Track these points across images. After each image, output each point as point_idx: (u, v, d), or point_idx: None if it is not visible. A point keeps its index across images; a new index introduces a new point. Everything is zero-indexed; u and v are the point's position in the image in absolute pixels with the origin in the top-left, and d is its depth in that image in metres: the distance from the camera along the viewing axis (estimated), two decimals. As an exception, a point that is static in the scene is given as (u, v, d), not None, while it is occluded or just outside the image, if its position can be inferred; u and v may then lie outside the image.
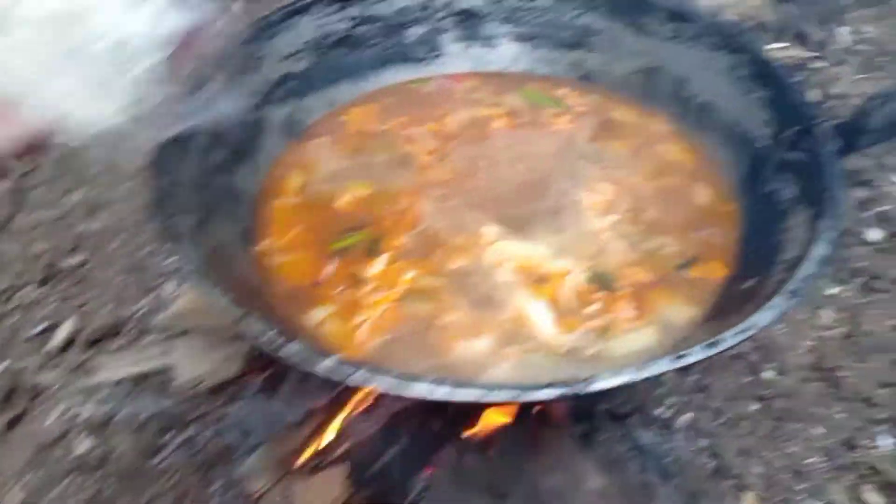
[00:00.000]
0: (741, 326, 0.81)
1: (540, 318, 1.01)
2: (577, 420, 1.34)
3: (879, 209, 1.75)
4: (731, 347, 0.80)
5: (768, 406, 1.43)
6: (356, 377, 0.78)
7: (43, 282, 1.65)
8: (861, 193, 1.75)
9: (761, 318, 0.82)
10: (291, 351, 0.79)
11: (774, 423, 1.41)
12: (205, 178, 1.07)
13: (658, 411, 1.42)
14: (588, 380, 0.77)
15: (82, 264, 1.69)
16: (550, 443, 1.26)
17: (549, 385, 0.77)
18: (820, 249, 0.87)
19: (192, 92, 1.09)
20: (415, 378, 0.77)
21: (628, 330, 0.99)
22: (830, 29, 2.28)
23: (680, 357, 0.78)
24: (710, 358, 0.79)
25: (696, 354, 0.79)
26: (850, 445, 1.37)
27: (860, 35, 2.40)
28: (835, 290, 1.61)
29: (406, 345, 0.98)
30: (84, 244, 1.73)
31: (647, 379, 0.78)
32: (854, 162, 1.80)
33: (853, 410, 1.42)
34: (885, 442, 1.38)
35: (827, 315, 1.57)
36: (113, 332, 1.59)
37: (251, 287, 1.02)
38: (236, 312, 0.82)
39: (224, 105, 1.15)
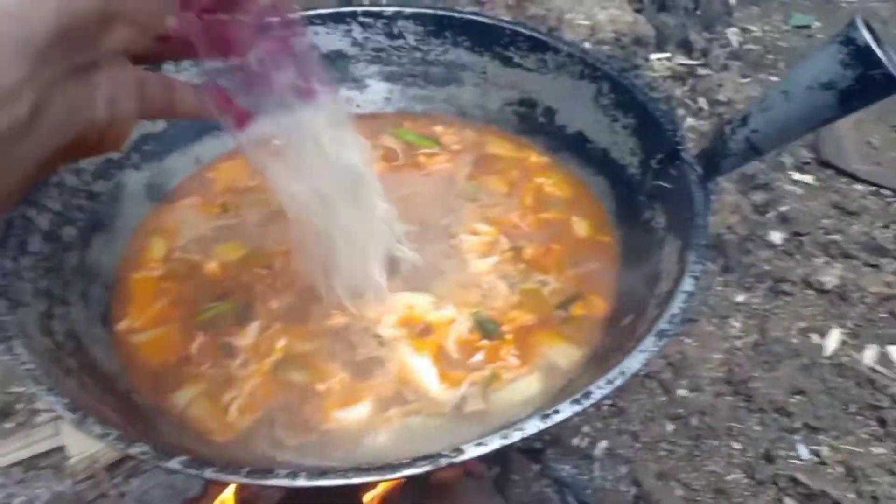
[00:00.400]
0: (610, 376, 0.78)
1: (424, 374, 0.96)
2: (490, 462, 1.31)
3: (779, 210, 1.76)
4: (603, 398, 0.77)
5: (685, 425, 1.41)
6: (207, 475, 0.72)
7: (-81, 369, 1.55)
8: (759, 196, 1.76)
9: (630, 363, 0.78)
10: (136, 451, 0.73)
11: (692, 442, 1.39)
12: (53, 260, 1.00)
13: (574, 441, 1.40)
14: (454, 452, 0.73)
15: (-38, 346, 1.59)
16: (462, 491, 1.22)
17: (413, 461, 0.72)
18: (685, 286, 0.84)
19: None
20: (269, 471, 0.72)
21: (513, 379, 0.95)
22: (716, 33, 2.31)
23: (547, 416, 0.74)
24: (579, 413, 0.76)
25: (564, 412, 0.75)
26: (769, 458, 1.37)
27: (747, 35, 2.44)
28: (742, 297, 1.61)
29: (279, 420, 0.92)
30: (-38, 324, 1.63)
31: (514, 442, 0.74)
32: (748, 165, 1.80)
33: (768, 422, 1.41)
34: (802, 451, 1.37)
35: (736, 324, 1.56)
36: (2, 415, 1.49)
37: (109, 372, 0.95)
38: (73, 415, 0.76)
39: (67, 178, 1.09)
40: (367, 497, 1.13)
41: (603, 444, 1.37)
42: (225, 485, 1.26)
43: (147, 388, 0.96)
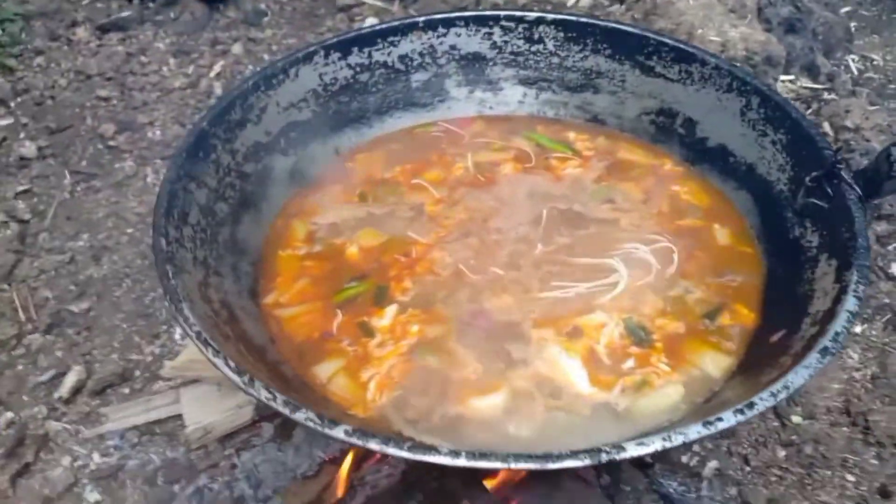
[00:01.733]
0: (774, 388, 0.77)
1: (573, 374, 0.97)
2: (601, 472, 1.30)
3: (904, 243, 1.70)
4: (766, 410, 0.76)
5: (797, 452, 1.37)
6: (371, 445, 0.75)
7: (48, 329, 1.62)
8: (882, 227, 1.71)
9: (794, 378, 0.78)
10: (299, 418, 0.76)
11: (804, 470, 1.35)
12: (209, 233, 1.04)
13: (684, 458, 1.37)
14: (615, 449, 0.73)
15: (88, 311, 1.67)
16: (574, 495, 1.21)
17: (574, 454, 0.73)
18: (848, 305, 0.83)
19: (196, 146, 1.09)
20: (432, 448, 0.74)
21: (662, 385, 0.95)
22: (838, 59, 2.25)
23: (709, 423, 0.74)
24: (741, 422, 0.75)
25: (727, 420, 0.75)
26: (885, 493, 1.32)
27: (868, 63, 2.36)
28: (859, 328, 1.56)
29: (416, 401, 0.94)
30: (89, 291, 1.70)
31: (676, 446, 0.74)
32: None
33: (886, 456, 1.36)
34: (921, 489, 1.32)
35: (854, 356, 1.52)
36: (120, 379, 1.55)
37: (259, 343, 0.99)
38: (240, 379, 0.79)
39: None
40: (488, 485, 1.14)
41: (712, 464, 1.35)
42: (339, 466, 1.29)
43: (292, 360, 0.99)
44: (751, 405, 0.75)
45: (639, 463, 1.33)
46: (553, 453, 0.73)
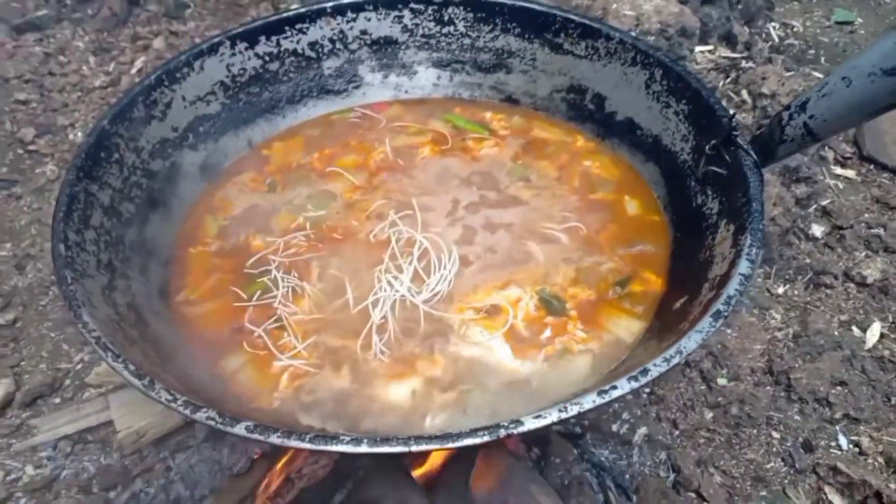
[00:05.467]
0: (667, 353, 0.78)
1: (496, 351, 0.98)
2: (530, 445, 1.32)
3: (821, 203, 1.75)
4: (660, 376, 0.78)
5: (724, 413, 1.41)
6: (272, 440, 0.74)
7: (-26, 342, 1.59)
8: (801, 189, 1.75)
9: (687, 343, 0.79)
10: (200, 418, 0.76)
11: (731, 430, 1.39)
12: (114, 235, 1.03)
13: (614, 427, 1.40)
14: (513, 424, 0.74)
15: (14, 322, 1.63)
16: (503, 471, 1.23)
17: (472, 432, 0.74)
18: (742, 268, 0.85)
19: (97, 146, 1.07)
20: (333, 437, 0.74)
21: (580, 351, 0.97)
22: (758, 27, 2.29)
23: (604, 392, 0.75)
24: (636, 389, 0.77)
25: (622, 388, 0.76)
26: (809, 447, 1.36)
27: (788, 30, 2.41)
28: (782, 289, 1.60)
29: (326, 393, 0.94)
30: (15, 301, 1.67)
31: (572, 417, 0.75)
32: (791, 158, 1.79)
33: (809, 412, 1.41)
34: (843, 441, 1.37)
35: (776, 316, 1.56)
36: (50, 390, 1.53)
37: (170, 343, 0.97)
38: (139, 382, 0.78)
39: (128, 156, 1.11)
40: (415, 473, 1.15)
41: (642, 430, 1.37)
42: (273, 460, 1.29)
43: (203, 357, 0.98)
44: (644, 371, 0.77)
45: (569, 434, 1.35)
46: (453, 433, 0.74)
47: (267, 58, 1.31)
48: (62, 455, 1.44)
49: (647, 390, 1.44)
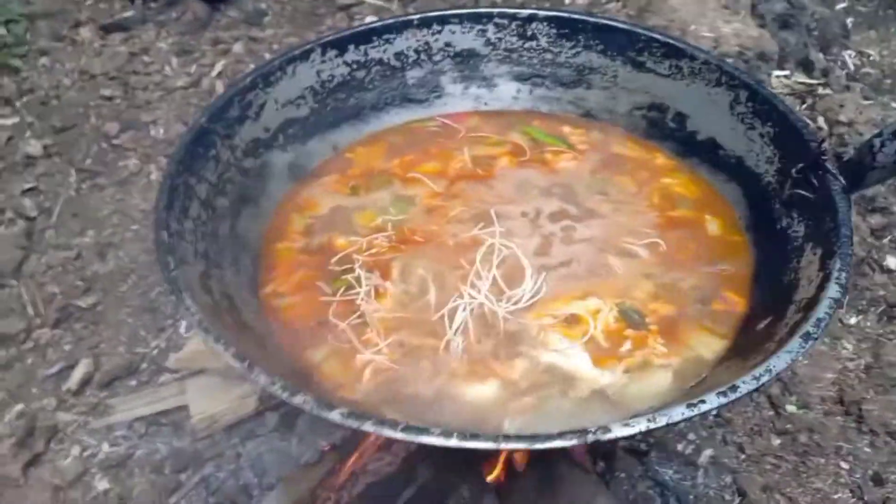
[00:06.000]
0: (756, 371, 0.79)
1: (577, 358, 0.99)
2: (597, 458, 1.32)
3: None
4: (749, 393, 0.79)
5: (792, 440, 1.40)
6: (366, 427, 0.77)
7: (56, 323, 1.66)
8: (876, 220, 1.73)
9: (777, 362, 0.80)
10: (297, 402, 0.79)
11: (798, 458, 1.38)
12: (210, 227, 1.07)
13: (679, 446, 1.40)
14: (601, 430, 0.75)
15: (95, 305, 1.70)
16: (570, 482, 1.24)
17: (560, 435, 0.76)
18: (831, 292, 0.85)
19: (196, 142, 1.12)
20: (424, 429, 0.76)
21: (660, 364, 0.97)
22: (833, 54, 2.26)
23: (693, 405, 0.76)
24: (724, 405, 0.77)
25: (710, 402, 0.77)
26: (879, 480, 1.34)
27: (864, 59, 2.38)
28: (854, 319, 1.58)
29: (406, 388, 0.96)
30: (96, 286, 1.74)
31: (660, 427, 0.76)
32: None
33: (879, 444, 1.39)
34: (913, 476, 1.34)
35: (848, 346, 1.54)
36: (127, 372, 1.59)
37: (258, 331, 1.01)
38: (241, 363, 0.82)
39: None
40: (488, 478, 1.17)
41: (707, 452, 1.37)
42: (342, 453, 1.32)
43: (289, 348, 1.02)
44: (734, 388, 0.77)
45: (634, 451, 1.35)
46: (541, 434, 0.75)
47: (354, 65, 1.35)
48: (136, 435, 1.50)
49: (715, 413, 1.43)
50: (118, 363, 1.58)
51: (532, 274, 1.08)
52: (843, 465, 1.36)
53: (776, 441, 1.39)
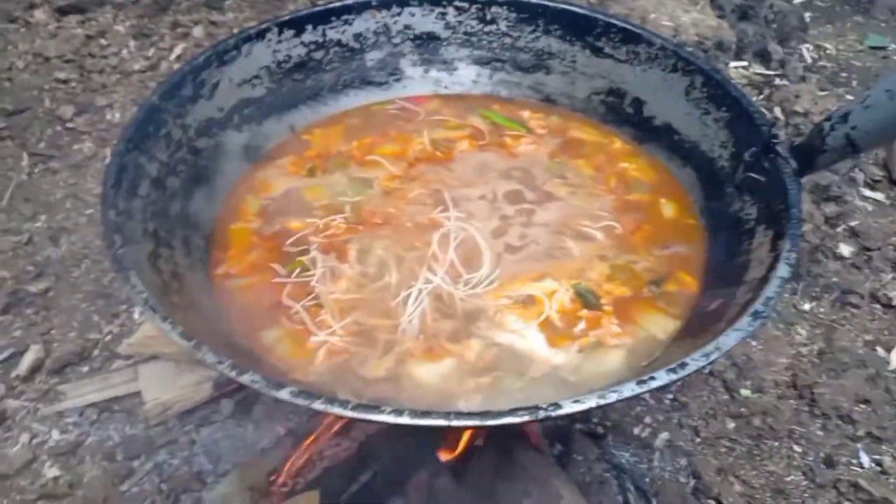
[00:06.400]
0: (706, 349, 0.79)
1: (532, 338, 0.99)
2: (553, 441, 1.33)
3: (849, 224, 1.75)
4: (697, 370, 0.79)
5: (746, 424, 1.42)
6: (316, 406, 0.76)
7: (6, 309, 1.61)
8: (830, 209, 1.76)
9: (726, 340, 0.80)
10: (247, 380, 0.77)
11: (753, 441, 1.40)
12: (160, 206, 1.05)
13: (636, 430, 1.41)
14: (552, 406, 0.75)
15: (46, 291, 1.66)
16: (526, 465, 1.24)
17: (512, 411, 0.75)
18: (780, 272, 0.86)
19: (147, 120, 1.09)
20: (375, 407, 0.76)
21: (614, 345, 0.98)
22: (791, 47, 2.30)
23: (643, 382, 0.76)
24: (674, 382, 0.78)
25: (660, 379, 0.77)
26: (831, 463, 1.36)
27: (821, 52, 2.42)
28: (808, 306, 1.61)
29: (360, 368, 0.96)
30: (47, 271, 1.70)
31: (610, 403, 0.76)
32: (822, 177, 1.80)
33: (831, 427, 1.41)
34: (864, 458, 1.37)
35: (802, 332, 1.56)
36: (79, 358, 1.55)
37: (209, 312, 0.99)
38: (188, 343, 0.80)
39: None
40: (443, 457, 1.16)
41: (664, 435, 1.38)
42: (297, 438, 1.30)
43: (241, 329, 1.00)
44: (683, 365, 0.78)
45: (591, 434, 1.36)
46: (493, 411, 0.75)
47: (312, 46, 1.33)
48: (88, 422, 1.46)
49: (670, 396, 1.45)
50: (70, 349, 1.54)
51: (490, 257, 1.08)
52: (796, 447, 1.38)
53: (731, 424, 1.40)
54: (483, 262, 1.07)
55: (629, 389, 0.76)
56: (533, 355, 0.96)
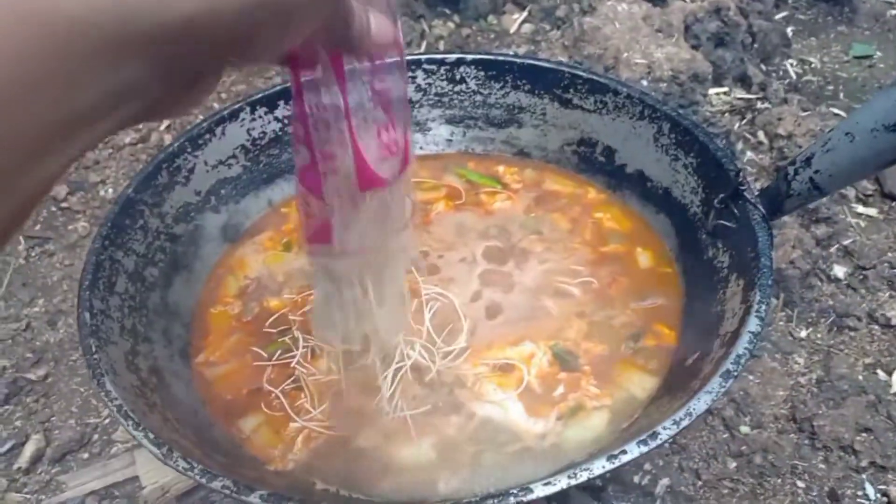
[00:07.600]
0: (677, 416, 0.79)
1: (511, 409, 0.98)
2: (550, 499, 1.31)
3: (842, 243, 1.73)
4: (667, 441, 0.78)
5: (748, 462, 1.39)
6: (285, 508, 0.76)
7: (6, 399, 1.63)
8: (821, 230, 1.74)
9: (696, 405, 0.80)
10: (216, 486, 0.78)
11: (755, 480, 1.37)
12: (138, 300, 1.06)
13: (636, 478, 1.39)
14: (523, 491, 0.75)
15: (45, 377, 1.67)
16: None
17: (482, 499, 0.75)
18: (751, 326, 0.85)
19: (122, 214, 1.11)
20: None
21: (594, 407, 0.97)
22: (775, 65, 2.29)
23: (614, 457, 0.76)
24: (646, 453, 0.77)
25: (631, 452, 0.77)
26: (835, 497, 1.34)
27: (806, 66, 2.42)
28: (805, 332, 1.59)
29: (340, 456, 0.95)
30: (46, 356, 1.71)
31: (581, 483, 0.76)
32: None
33: (834, 460, 1.39)
34: (870, 490, 1.34)
35: (799, 360, 1.54)
36: (79, 445, 1.56)
37: (189, 406, 1.00)
38: (159, 451, 0.80)
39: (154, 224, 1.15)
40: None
41: (664, 481, 1.36)
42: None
43: (221, 419, 1.01)
44: (654, 435, 0.77)
45: (590, 487, 1.34)
46: (462, 499, 0.75)
47: (286, 121, 1.35)
48: (90, 511, 1.46)
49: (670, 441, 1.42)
50: (70, 436, 1.55)
51: (468, 326, 1.08)
52: (800, 483, 1.35)
53: (732, 464, 1.38)
54: (462, 330, 1.07)
55: (599, 467, 0.76)
56: (513, 427, 0.96)
